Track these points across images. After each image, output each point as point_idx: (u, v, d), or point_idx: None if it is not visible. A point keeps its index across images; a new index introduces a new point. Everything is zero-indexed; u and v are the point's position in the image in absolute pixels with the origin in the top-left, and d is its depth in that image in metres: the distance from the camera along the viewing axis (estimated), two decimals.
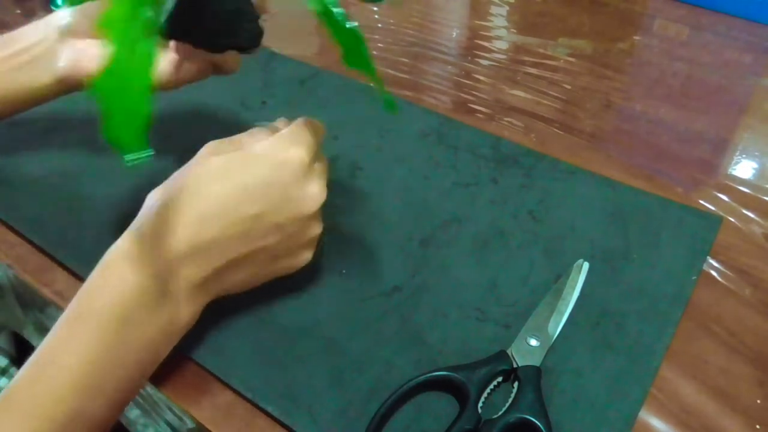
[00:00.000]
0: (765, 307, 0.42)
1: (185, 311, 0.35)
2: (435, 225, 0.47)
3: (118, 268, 0.33)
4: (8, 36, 0.45)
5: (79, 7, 0.44)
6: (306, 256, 0.39)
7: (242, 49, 0.41)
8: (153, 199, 0.35)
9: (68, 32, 0.44)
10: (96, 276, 0.33)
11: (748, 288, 0.44)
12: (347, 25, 0.32)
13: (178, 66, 0.42)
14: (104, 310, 0.31)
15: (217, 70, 0.44)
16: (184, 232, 0.33)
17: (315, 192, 0.37)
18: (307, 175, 0.37)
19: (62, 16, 0.45)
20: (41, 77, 0.45)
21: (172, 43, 0.41)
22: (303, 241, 0.38)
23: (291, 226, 0.37)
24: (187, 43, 0.40)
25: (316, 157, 0.38)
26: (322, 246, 0.41)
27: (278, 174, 0.36)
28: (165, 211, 0.34)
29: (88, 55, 0.44)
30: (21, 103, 0.46)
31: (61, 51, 0.44)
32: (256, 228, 0.35)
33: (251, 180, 0.35)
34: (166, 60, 0.42)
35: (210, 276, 0.35)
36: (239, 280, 0.37)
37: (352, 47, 0.32)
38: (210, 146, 0.37)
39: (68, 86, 0.45)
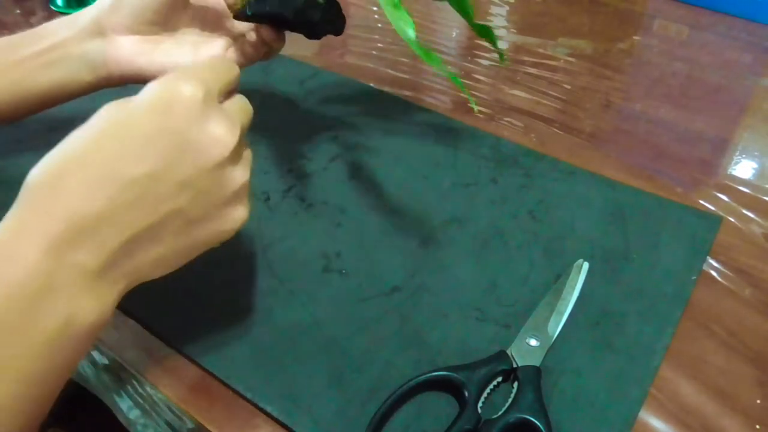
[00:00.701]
0: (765, 307, 0.42)
1: (88, 306, 0.28)
2: (435, 225, 0.47)
3: None
4: (33, 32, 0.45)
5: (117, 2, 0.44)
6: (237, 214, 0.33)
7: (323, 34, 0.45)
8: (29, 178, 0.29)
9: (107, 29, 0.44)
10: None
11: (748, 288, 0.44)
12: None
13: (258, 48, 0.45)
14: None
15: (267, 54, 0.46)
16: (64, 211, 0.28)
17: (219, 134, 0.31)
18: (206, 116, 0.31)
19: (95, 12, 0.45)
20: (80, 74, 0.44)
21: (250, 33, 0.45)
22: (224, 197, 0.32)
23: (200, 181, 0.31)
24: (296, 31, 0.44)
25: (218, 95, 0.33)
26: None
27: (166, 120, 0.30)
28: (41, 190, 0.28)
29: (131, 51, 0.44)
30: (56, 99, 0.46)
31: (99, 47, 0.44)
32: (154, 191, 0.29)
33: (136, 133, 0.30)
34: (247, 43, 0.45)
35: (110, 259, 0.29)
36: (155, 258, 0.31)
37: None
38: (102, 108, 0.31)
39: (111, 82, 0.45)
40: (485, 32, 0.44)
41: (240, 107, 0.34)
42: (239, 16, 0.43)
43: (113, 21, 0.44)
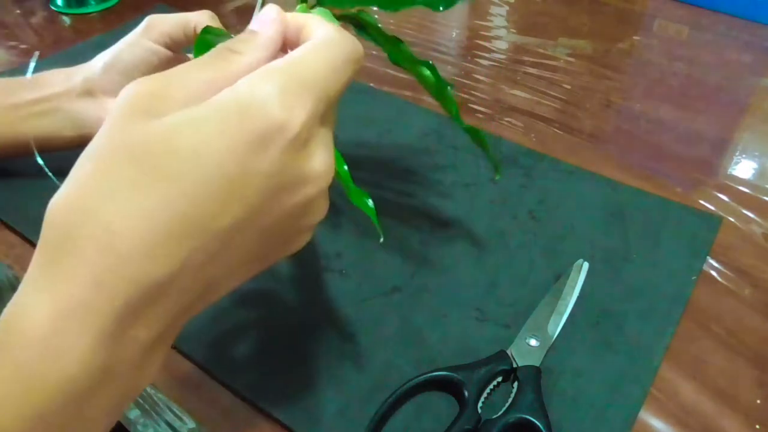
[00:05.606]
0: (765, 307, 0.42)
1: (140, 381, 0.23)
2: (435, 225, 0.47)
3: (23, 353, 0.20)
4: (32, 79, 0.46)
5: (109, 64, 0.45)
6: (303, 239, 0.27)
7: None
8: (52, 220, 0.21)
9: (97, 90, 0.45)
10: None
11: (748, 288, 0.44)
12: None
13: None
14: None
15: None
16: (121, 280, 0.21)
17: (318, 171, 0.25)
18: (307, 146, 0.24)
19: (87, 72, 0.45)
20: (64, 129, 0.45)
21: None
22: (301, 228, 0.27)
23: (285, 222, 0.25)
24: None
25: (326, 108, 0.25)
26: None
27: (256, 160, 0.22)
28: (83, 244, 0.20)
29: None
30: (40, 148, 0.46)
31: (87, 107, 0.45)
32: (235, 242, 0.23)
33: (216, 171, 0.21)
34: None
35: (170, 325, 0.23)
36: (210, 303, 0.25)
37: None
38: (130, 95, 0.22)
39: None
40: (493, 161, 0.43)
41: (331, 126, 0.27)
42: None
43: (103, 82, 0.45)
